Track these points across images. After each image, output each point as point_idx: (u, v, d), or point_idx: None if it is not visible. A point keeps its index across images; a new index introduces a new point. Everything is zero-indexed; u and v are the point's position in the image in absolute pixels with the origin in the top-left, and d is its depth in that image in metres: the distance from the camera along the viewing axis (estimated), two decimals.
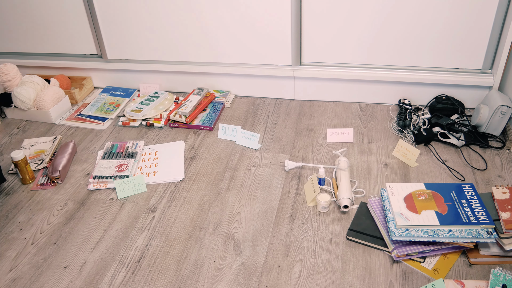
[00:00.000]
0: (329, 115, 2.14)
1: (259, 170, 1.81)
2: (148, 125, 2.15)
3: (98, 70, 2.46)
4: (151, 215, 1.64)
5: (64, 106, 2.29)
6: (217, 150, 1.95)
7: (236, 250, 1.47)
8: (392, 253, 1.39)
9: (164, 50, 2.31)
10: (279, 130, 2.06)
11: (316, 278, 1.36)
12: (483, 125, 1.87)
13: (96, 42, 2.37)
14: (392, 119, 2.08)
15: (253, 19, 2.12)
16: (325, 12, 2.04)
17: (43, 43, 2.46)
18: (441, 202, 1.43)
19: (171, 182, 1.79)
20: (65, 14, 2.32)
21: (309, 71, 2.18)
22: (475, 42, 1.98)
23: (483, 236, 1.32)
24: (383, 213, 1.51)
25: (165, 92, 2.29)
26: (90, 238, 1.56)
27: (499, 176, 1.71)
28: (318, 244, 1.47)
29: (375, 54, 2.10)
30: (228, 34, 2.19)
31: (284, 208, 1.62)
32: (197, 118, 2.14)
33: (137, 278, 1.41)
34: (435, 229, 1.35)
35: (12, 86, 2.26)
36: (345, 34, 2.08)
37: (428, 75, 2.07)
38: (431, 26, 1.98)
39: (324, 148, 1.92)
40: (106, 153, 1.94)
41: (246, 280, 1.37)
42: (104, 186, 1.77)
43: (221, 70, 2.28)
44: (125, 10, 2.22)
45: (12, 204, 1.74)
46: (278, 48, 2.17)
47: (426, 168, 1.76)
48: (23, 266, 1.48)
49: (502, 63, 1.93)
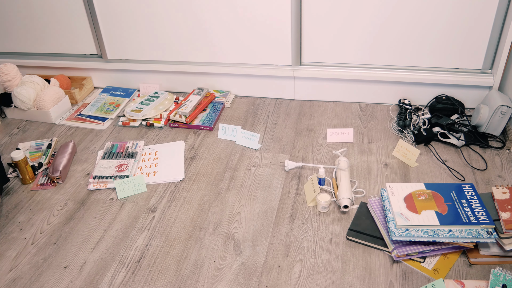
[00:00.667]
0: (329, 115, 2.14)
1: (259, 170, 1.81)
2: (148, 125, 2.15)
3: (98, 70, 2.46)
4: (151, 215, 1.64)
5: (64, 106, 2.29)
6: (217, 150, 1.95)
7: (236, 250, 1.47)
8: (392, 253, 1.39)
9: (164, 50, 2.31)
10: (279, 130, 2.06)
11: (316, 278, 1.36)
12: (483, 125, 1.87)
13: (96, 42, 2.37)
14: (392, 119, 2.08)
15: (253, 19, 2.12)
16: (325, 12, 2.04)
17: (43, 43, 2.46)
18: (441, 202, 1.43)
19: (171, 182, 1.79)
20: (65, 14, 2.32)
21: (309, 71, 2.18)
22: (475, 42, 1.98)
23: (483, 236, 1.32)
24: (383, 213, 1.51)
25: (165, 92, 2.29)
26: (90, 238, 1.56)
27: (499, 176, 1.71)
28: (318, 244, 1.47)
29: (375, 54, 2.10)
30: (228, 34, 2.19)
31: (284, 208, 1.62)
32: (197, 118, 2.14)
33: (137, 278, 1.41)
34: (435, 229, 1.35)
35: (12, 86, 2.26)
36: (345, 34, 2.08)
37: (428, 75, 2.07)
38: (431, 26, 1.98)
39: (324, 148, 1.92)
40: (106, 153, 1.94)
41: (246, 280, 1.37)
42: (104, 186, 1.77)
43: (221, 70, 2.28)
44: (125, 10, 2.22)
45: (12, 204, 1.74)
46: (278, 48, 2.17)
47: (426, 168, 1.76)
48: (23, 266, 1.48)
49: (502, 63, 1.93)
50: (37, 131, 2.18)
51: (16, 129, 2.21)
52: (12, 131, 2.19)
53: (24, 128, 2.21)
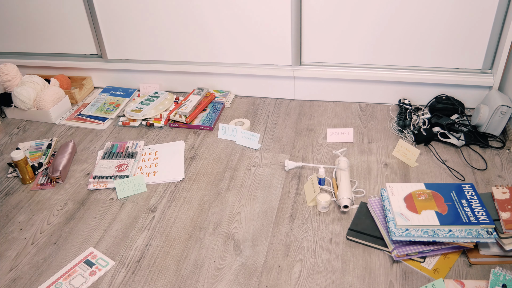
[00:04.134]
0: (329, 115, 2.14)
1: (259, 170, 1.81)
2: (148, 125, 2.15)
3: (98, 70, 2.46)
4: (151, 215, 1.64)
5: (64, 106, 2.29)
6: (217, 150, 1.95)
7: (236, 250, 1.47)
8: (392, 253, 1.39)
9: (164, 50, 2.31)
10: (279, 130, 2.06)
11: (316, 278, 1.36)
12: (483, 125, 1.87)
13: (96, 42, 2.37)
14: (392, 119, 2.08)
15: (253, 18, 2.12)
16: (325, 12, 2.04)
17: (43, 43, 2.46)
18: (441, 202, 1.43)
19: (171, 182, 1.79)
20: (65, 14, 2.32)
21: (309, 71, 2.18)
22: (475, 42, 1.98)
23: (483, 236, 1.32)
24: (383, 213, 1.51)
25: (165, 92, 2.29)
26: (90, 238, 1.56)
27: (499, 176, 1.71)
28: (318, 244, 1.47)
29: (375, 54, 2.10)
30: (228, 34, 2.19)
31: (284, 208, 1.62)
32: (197, 118, 2.14)
33: (137, 278, 1.41)
34: (435, 229, 1.35)
35: (12, 86, 2.27)
36: (345, 34, 2.08)
37: (428, 75, 2.07)
38: (431, 26, 1.98)
39: (324, 148, 1.92)
40: (106, 153, 1.94)
41: (246, 280, 1.37)
42: (104, 186, 1.77)
43: (221, 70, 2.28)
44: (125, 10, 2.22)
45: (12, 204, 1.74)
46: (278, 48, 2.17)
47: (426, 168, 1.76)
48: (23, 266, 1.48)
49: (502, 63, 1.93)
50: (37, 131, 2.18)
51: (16, 129, 2.21)
52: (12, 131, 2.19)
53: (24, 128, 2.21)
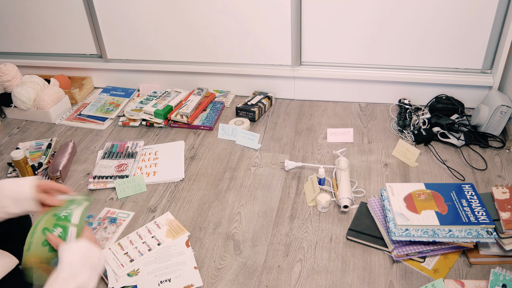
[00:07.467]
0: (329, 115, 2.14)
1: (259, 170, 1.81)
2: (148, 125, 2.15)
3: (98, 70, 2.46)
4: (151, 215, 1.64)
5: (64, 106, 2.29)
6: (217, 150, 1.95)
7: (236, 250, 1.47)
8: (392, 253, 1.39)
9: (164, 50, 2.31)
10: (279, 130, 2.06)
11: (316, 278, 1.36)
12: (483, 125, 1.87)
13: (96, 42, 2.37)
14: (392, 119, 2.08)
15: (253, 18, 2.12)
16: (325, 12, 2.04)
17: (43, 43, 2.46)
18: (441, 202, 1.43)
19: (171, 182, 1.79)
20: (65, 14, 2.32)
21: (309, 71, 2.18)
22: (475, 42, 1.98)
23: (483, 236, 1.32)
24: (383, 213, 1.51)
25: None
26: None
27: (499, 176, 1.71)
28: (318, 244, 1.47)
29: (375, 54, 2.10)
30: (228, 34, 2.19)
31: (284, 208, 1.62)
32: (197, 118, 2.14)
33: None
34: (435, 229, 1.35)
35: (12, 86, 2.26)
36: (345, 34, 2.08)
37: (428, 75, 2.07)
38: (431, 26, 1.98)
39: (324, 148, 1.92)
40: (106, 153, 1.94)
41: (246, 280, 1.37)
42: (104, 186, 1.77)
43: (221, 70, 2.28)
44: (125, 10, 2.22)
45: None
46: (278, 48, 2.17)
47: (426, 168, 1.76)
48: None
49: (502, 63, 1.93)
50: (37, 131, 2.18)
51: (16, 129, 2.21)
52: (12, 131, 2.19)
53: (24, 128, 2.21)
